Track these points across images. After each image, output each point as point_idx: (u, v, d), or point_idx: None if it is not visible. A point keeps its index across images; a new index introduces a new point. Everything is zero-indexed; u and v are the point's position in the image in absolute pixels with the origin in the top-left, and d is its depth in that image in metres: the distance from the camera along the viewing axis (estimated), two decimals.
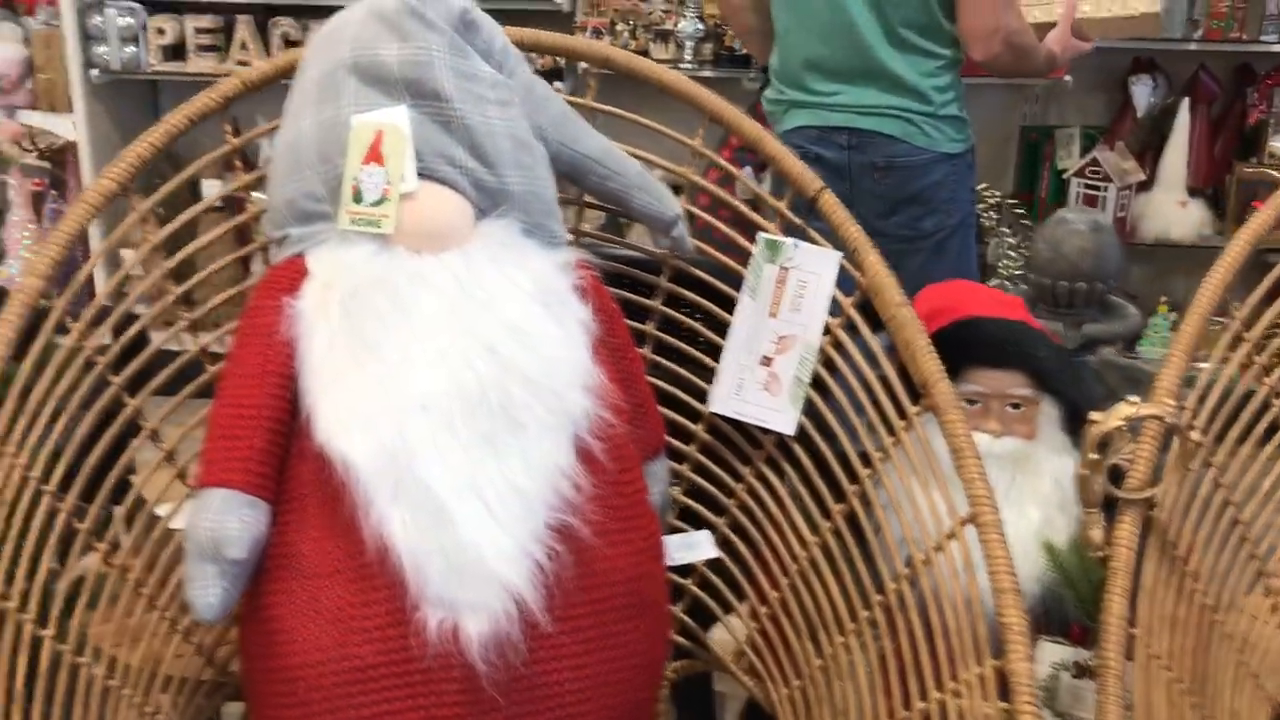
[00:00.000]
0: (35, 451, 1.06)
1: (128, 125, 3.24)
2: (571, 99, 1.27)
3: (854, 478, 1.17)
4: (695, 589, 1.30)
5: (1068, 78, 3.00)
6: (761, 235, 1.23)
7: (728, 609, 1.30)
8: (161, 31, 3.05)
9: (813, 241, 1.21)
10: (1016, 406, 1.21)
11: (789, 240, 1.22)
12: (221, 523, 0.99)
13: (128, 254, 3.04)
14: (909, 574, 1.10)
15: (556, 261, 1.12)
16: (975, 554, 1.05)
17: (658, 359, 1.29)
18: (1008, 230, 3.30)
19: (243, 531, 0.99)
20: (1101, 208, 3.11)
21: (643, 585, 1.07)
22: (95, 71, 3.05)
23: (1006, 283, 3.22)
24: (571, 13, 3.16)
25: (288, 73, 1.19)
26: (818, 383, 1.20)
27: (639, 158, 1.24)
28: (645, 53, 3.15)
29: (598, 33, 3.22)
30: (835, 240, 1.21)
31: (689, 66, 3.07)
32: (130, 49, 3.06)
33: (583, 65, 1.24)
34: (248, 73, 1.20)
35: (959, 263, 2.25)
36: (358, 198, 1.07)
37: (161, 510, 1.21)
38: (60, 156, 3.37)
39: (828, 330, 1.20)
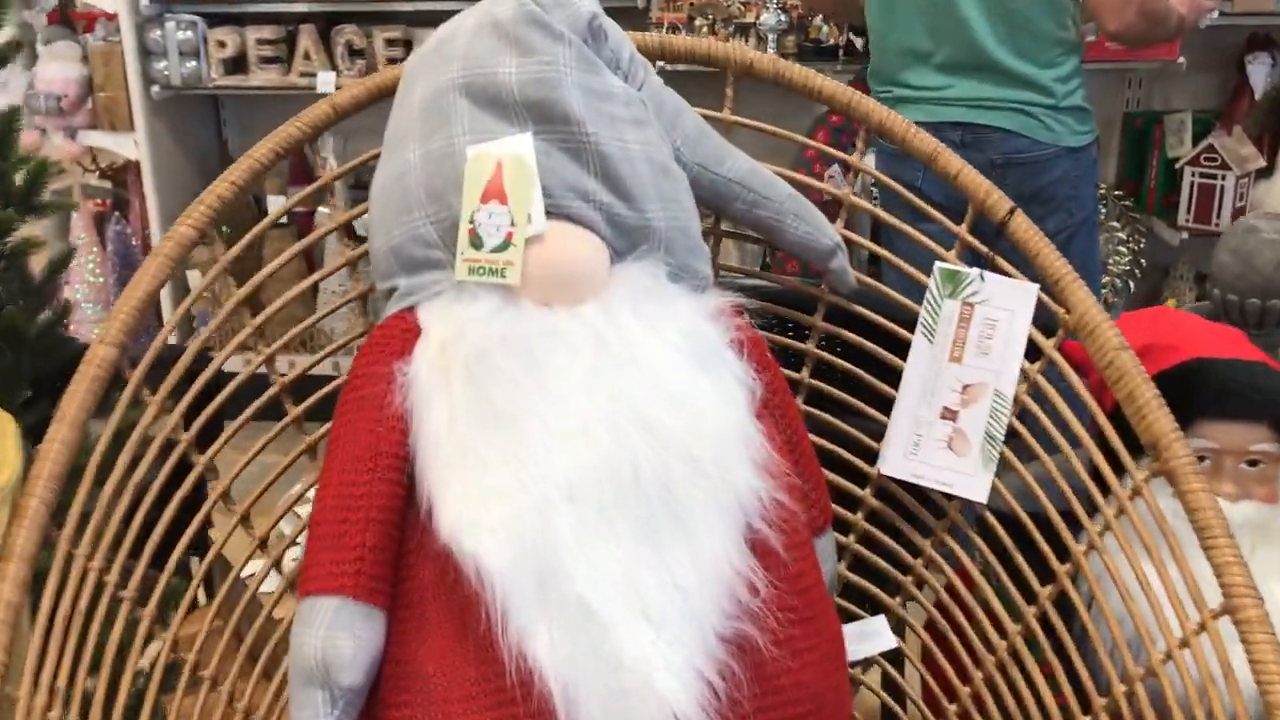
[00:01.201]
0: (100, 533, 0.91)
1: (190, 142, 3.12)
2: (707, 113, 1.09)
3: (1064, 554, 0.99)
4: (868, 685, 1.12)
5: (1181, 59, 2.78)
6: (939, 265, 1.04)
7: (899, 696, 1.12)
8: (222, 44, 2.91)
9: (1001, 271, 1.03)
10: (1254, 464, 1.02)
11: (972, 271, 1.03)
12: (332, 640, 0.83)
13: (193, 274, 2.90)
14: (1144, 674, 0.92)
15: (708, 309, 0.95)
16: (1232, 654, 0.86)
17: (814, 412, 1.11)
18: (1117, 224, 3.08)
19: (357, 651, 0.83)
20: (1219, 198, 2.89)
21: (827, 700, 0.89)
22: (156, 88, 2.93)
23: (1116, 280, 3.02)
24: (646, 8, 2.98)
25: (387, 92, 1.03)
26: (1013, 439, 1.02)
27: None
28: None
29: (674, 28, 3.05)
30: (1026, 269, 1.03)
31: None
32: (191, 63, 2.93)
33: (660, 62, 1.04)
34: (340, 96, 1.04)
35: (1083, 265, 2.06)
36: (476, 243, 0.91)
37: (244, 568, 1.06)
38: (122, 176, 3.26)
39: (1024, 376, 1.02)
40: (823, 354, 1.11)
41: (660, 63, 1.07)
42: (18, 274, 1.14)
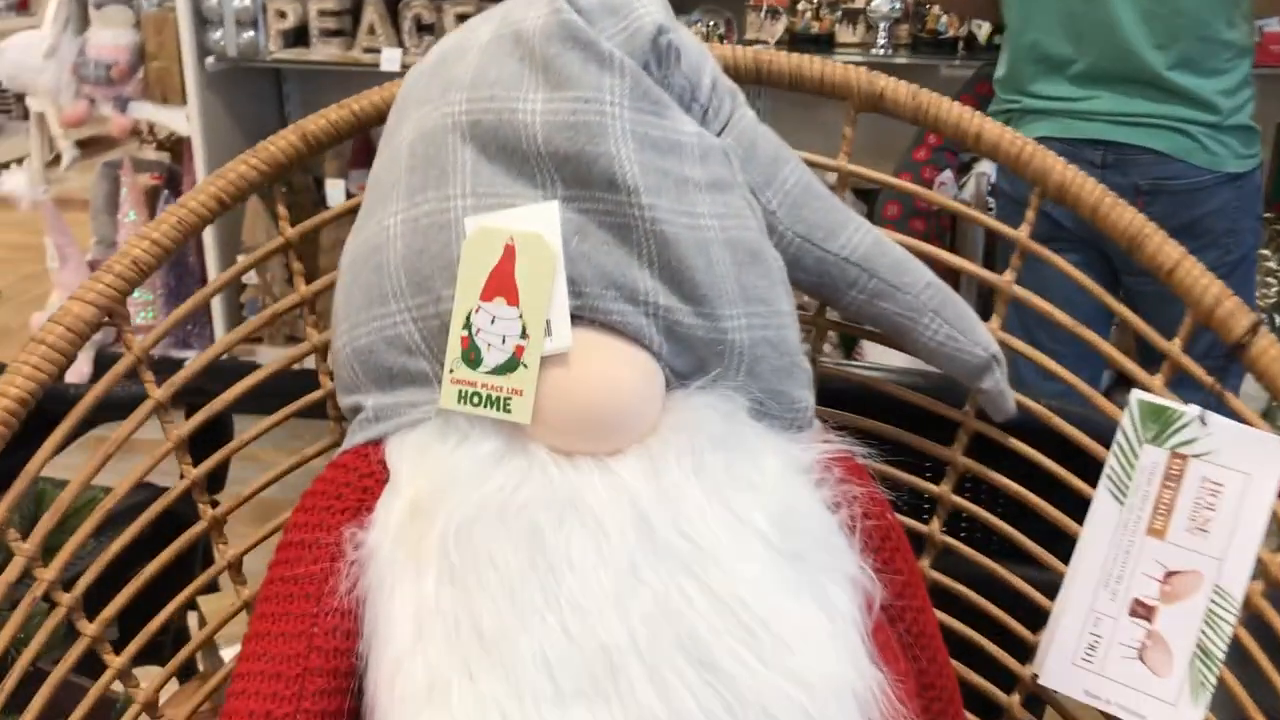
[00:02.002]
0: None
1: (247, 118, 2.89)
2: (814, 160, 0.79)
3: None
4: None
5: None
6: (1138, 396, 0.73)
7: None
8: (282, 15, 2.68)
9: (1233, 415, 0.71)
10: None
11: (1189, 410, 0.72)
12: None
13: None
14: None
15: (807, 463, 0.65)
16: None
17: (945, 581, 0.81)
18: (1266, 251, 2.71)
19: None
20: None
21: None
22: (211, 59, 2.70)
23: (1262, 316, 2.65)
24: None
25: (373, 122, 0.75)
26: (1237, 655, 0.71)
27: None
28: (831, 36, 2.66)
29: (774, 12, 2.73)
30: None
31: (881, 52, 2.58)
32: (248, 34, 2.70)
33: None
34: (312, 124, 0.75)
35: None
36: (473, 358, 0.62)
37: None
38: (180, 149, 3.05)
39: (1261, 569, 0.70)
40: (960, 501, 0.80)
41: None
42: None
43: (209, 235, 2.85)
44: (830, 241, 0.72)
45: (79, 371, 2.57)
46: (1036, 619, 0.77)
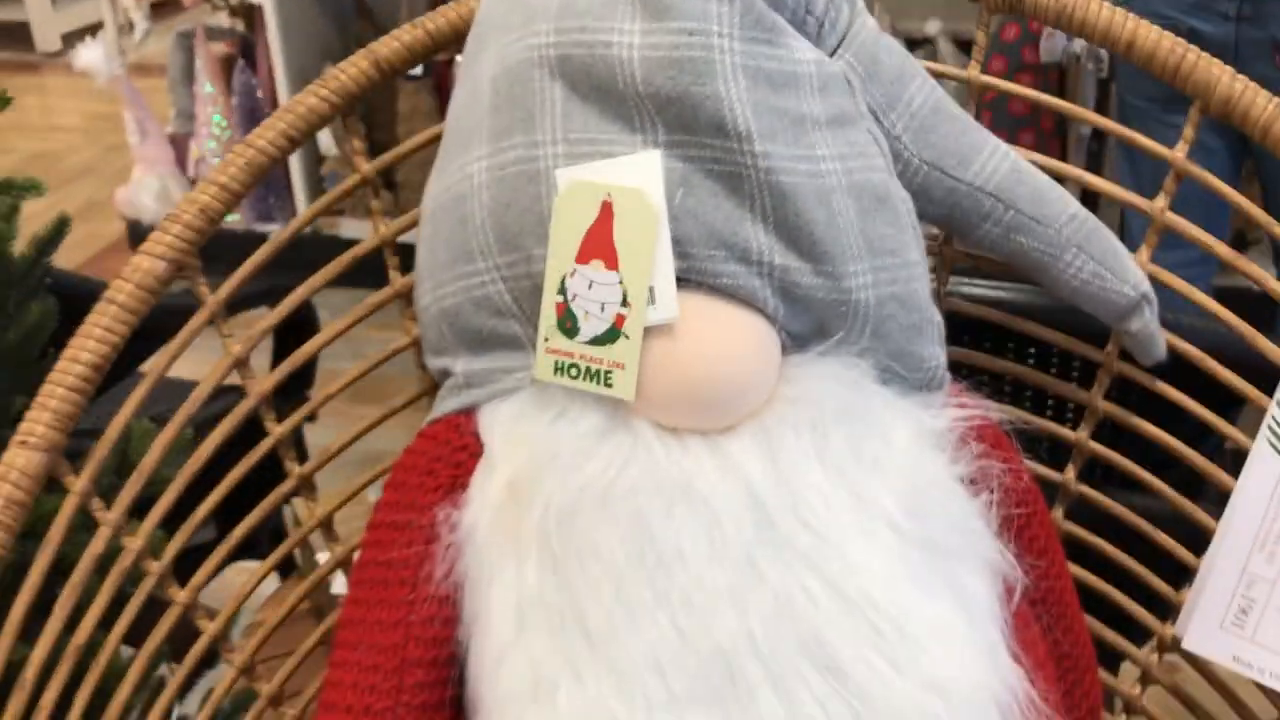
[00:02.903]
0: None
1: None
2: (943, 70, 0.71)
3: None
4: None
5: None
6: None
7: None
8: None
9: None
10: None
11: None
12: None
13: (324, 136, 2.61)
14: None
15: (940, 433, 0.59)
16: None
17: (1079, 533, 0.75)
18: None
19: None
20: None
21: None
22: None
23: None
24: None
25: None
26: None
27: None
28: None
29: None
30: None
31: None
32: None
33: None
34: (384, 48, 0.69)
35: None
36: (569, 327, 0.57)
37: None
38: (252, 15, 2.97)
39: None
40: (1100, 449, 0.74)
41: None
42: None
43: (283, 92, 2.79)
44: (963, 169, 0.64)
45: None
46: (1179, 577, 0.71)
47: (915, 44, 2.34)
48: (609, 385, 0.56)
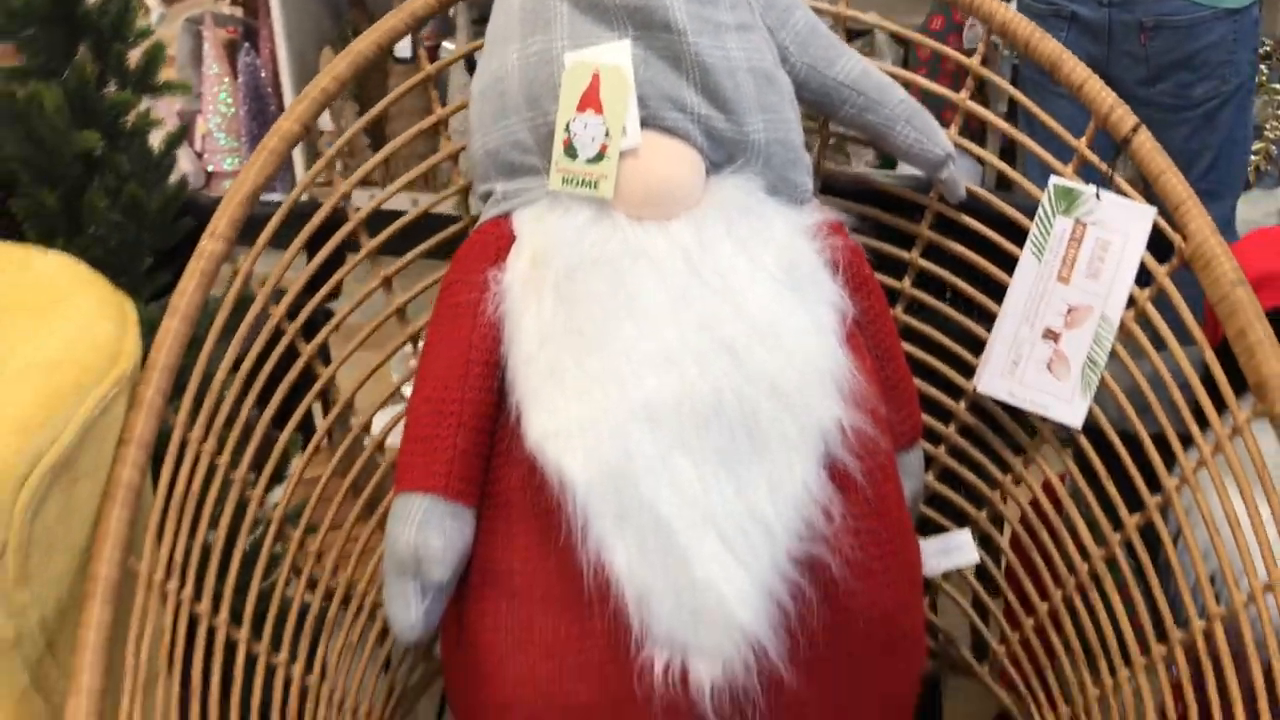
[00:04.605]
0: (208, 426, 0.96)
1: None
2: (819, 5, 1.05)
3: (1156, 486, 0.97)
4: (941, 582, 1.14)
5: None
6: (1054, 181, 1.00)
7: (981, 610, 1.13)
8: None
9: (1119, 191, 0.98)
10: None
11: (1088, 189, 0.99)
12: (424, 537, 0.88)
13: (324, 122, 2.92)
14: (1224, 613, 0.91)
15: (804, 226, 0.93)
16: None
17: (913, 322, 1.09)
18: (1279, 85, 2.87)
19: (446, 548, 0.88)
20: None
21: (899, 620, 0.91)
22: None
23: (1272, 148, 2.83)
24: None
25: None
26: (1115, 367, 0.99)
27: None
28: None
29: None
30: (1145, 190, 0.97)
31: None
32: None
33: None
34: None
35: (1230, 135, 1.98)
36: (571, 153, 0.90)
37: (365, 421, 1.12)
38: (253, 3, 3.27)
39: (1132, 302, 0.98)
40: (925, 264, 1.09)
41: None
42: (138, 150, 1.17)
43: (287, 82, 3.09)
44: (829, 69, 0.98)
45: None
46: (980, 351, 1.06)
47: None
48: (596, 189, 0.90)
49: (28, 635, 0.84)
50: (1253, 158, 2.74)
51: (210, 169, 3.14)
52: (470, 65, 2.44)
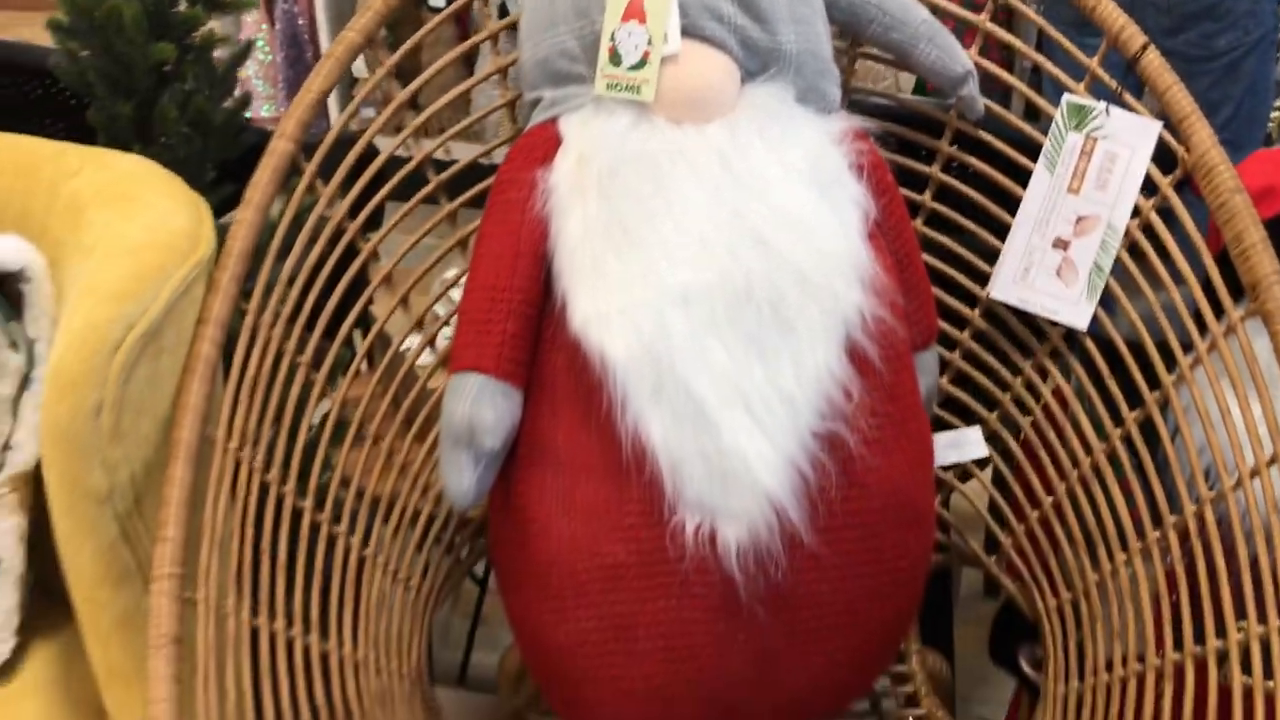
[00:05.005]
0: (276, 313, 1.04)
1: None
2: None
3: (1155, 383, 1.04)
4: (955, 481, 1.21)
5: None
6: (1067, 98, 1.06)
7: (992, 508, 1.21)
8: None
9: (1128, 108, 1.04)
10: None
11: (1099, 105, 1.05)
12: (477, 410, 0.95)
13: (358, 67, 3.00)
14: (1214, 497, 0.98)
15: (831, 132, 1.00)
16: None
17: (931, 233, 1.16)
18: None
19: (497, 421, 0.96)
20: None
21: (912, 497, 0.98)
22: None
23: None
24: None
25: None
26: (1119, 272, 1.06)
27: None
28: None
29: None
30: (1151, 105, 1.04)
31: None
32: None
33: None
34: None
35: (1253, 86, 2.02)
36: (615, 60, 0.97)
37: (400, 342, 1.20)
38: None
39: (1137, 212, 1.05)
40: (945, 179, 1.15)
41: None
42: (204, 66, 1.25)
43: (324, 29, 3.16)
44: None
45: None
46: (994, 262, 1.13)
47: None
48: (639, 94, 0.97)
49: (118, 490, 0.93)
50: (1275, 114, 2.79)
51: (248, 116, 3.21)
52: (501, 12, 2.52)
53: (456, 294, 1.15)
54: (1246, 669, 0.91)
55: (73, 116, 1.29)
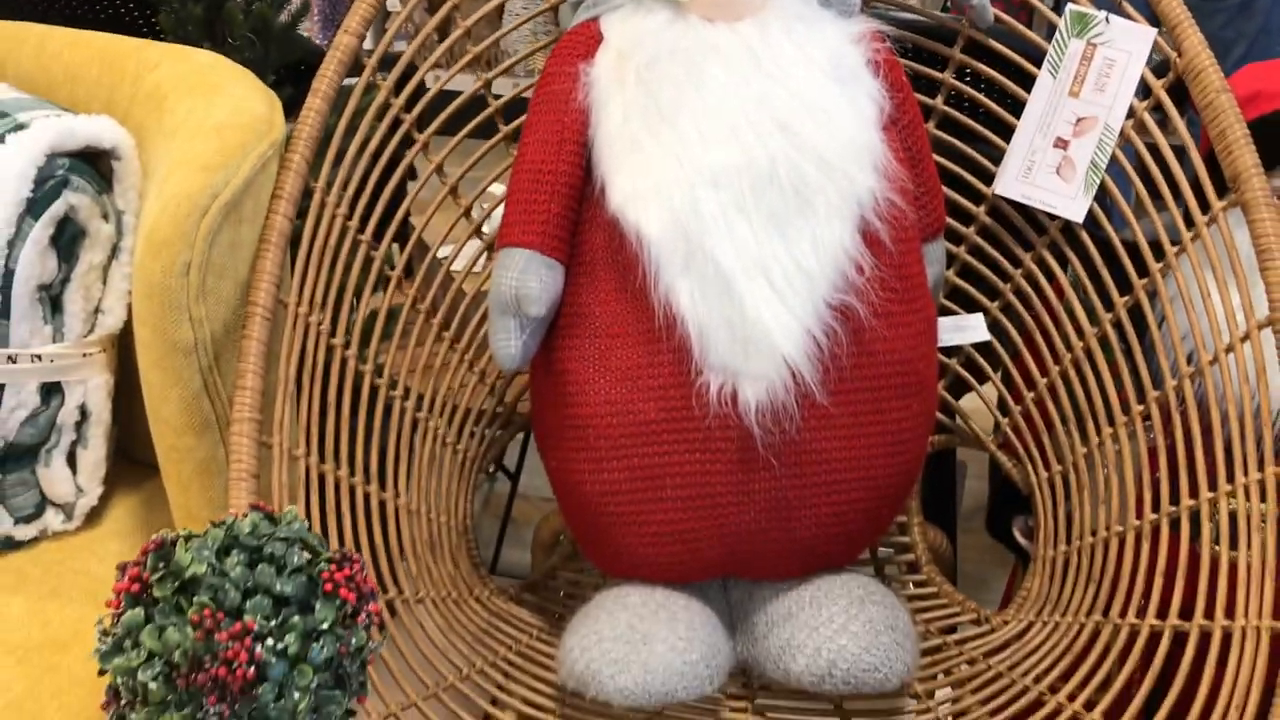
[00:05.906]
0: (341, 194, 1.14)
1: None
2: None
3: (1143, 270, 1.13)
4: (958, 367, 1.31)
5: None
6: (1070, 7, 1.15)
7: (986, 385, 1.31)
8: None
9: (1127, 16, 1.13)
10: None
11: (1100, 13, 1.14)
12: (523, 281, 1.06)
13: None
14: (1192, 371, 1.08)
15: (851, 33, 1.09)
16: (1270, 359, 1.01)
17: (943, 135, 1.25)
18: None
19: (542, 291, 1.06)
20: None
21: (916, 367, 1.08)
22: None
23: None
24: None
25: None
26: (1114, 169, 1.15)
27: None
28: None
29: None
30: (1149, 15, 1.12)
31: None
32: None
33: None
34: None
35: (1265, 25, 2.09)
36: None
37: (443, 252, 1.30)
38: None
39: (1132, 113, 1.13)
40: (956, 83, 1.24)
41: None
42: None
43: None
44: None
45: None
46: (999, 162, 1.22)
47: None
48: None
49: (202, 345, 1.03)
50: None
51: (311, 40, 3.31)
52: None
53: (498, 190, 1.25)
54: (1216, 535, 1.01)
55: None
